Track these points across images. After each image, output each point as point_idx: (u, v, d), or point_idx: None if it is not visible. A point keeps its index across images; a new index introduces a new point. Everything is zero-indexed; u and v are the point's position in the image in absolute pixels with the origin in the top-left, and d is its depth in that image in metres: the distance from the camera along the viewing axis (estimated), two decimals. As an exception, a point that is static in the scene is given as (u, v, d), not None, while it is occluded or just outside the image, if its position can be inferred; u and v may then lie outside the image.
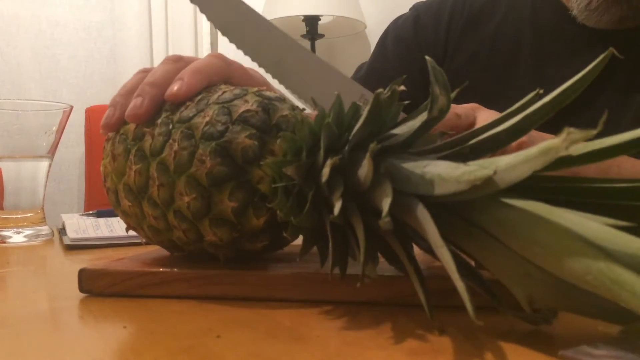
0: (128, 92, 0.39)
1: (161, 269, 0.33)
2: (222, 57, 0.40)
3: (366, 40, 2.02)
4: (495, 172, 0.20)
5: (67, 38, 1.81)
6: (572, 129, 0.18)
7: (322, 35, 1.91)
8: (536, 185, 0.23)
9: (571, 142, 0.18)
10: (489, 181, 0.20)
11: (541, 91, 0.24)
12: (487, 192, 0.21)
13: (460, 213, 0.23)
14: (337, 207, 0.25)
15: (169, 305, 0.31)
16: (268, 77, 0.43)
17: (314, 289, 0.31)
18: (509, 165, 0.20)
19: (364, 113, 0.27)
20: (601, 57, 0.23)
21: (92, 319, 0.30)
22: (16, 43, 1.74)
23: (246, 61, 0.43)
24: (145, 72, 0.41)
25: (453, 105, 0.48)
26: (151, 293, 0.33)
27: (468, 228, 0.23)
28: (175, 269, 0.33)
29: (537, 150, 0.19)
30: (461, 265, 0.25)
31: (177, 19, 1.91)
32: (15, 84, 1.74)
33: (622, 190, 0.21)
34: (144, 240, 0.39)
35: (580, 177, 0.22)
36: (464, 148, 0.25)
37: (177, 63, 0.40)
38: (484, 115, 0.49)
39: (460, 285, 0.21)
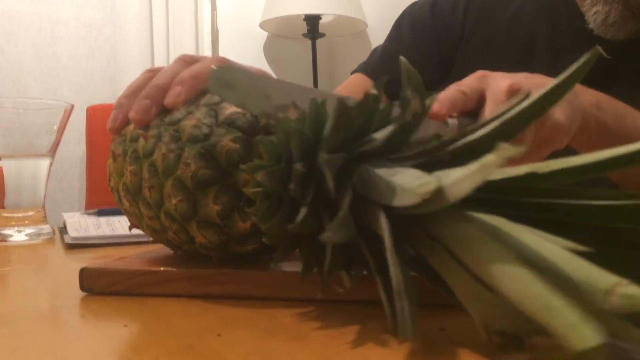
0: (133, 94, 0.39)
1: (162, 268, 0.33)
2: (224, 61, 0.40)
3: (367, 40, 2.02)
4: (439, 186, 0.20)
5: (68, 36, 1.81)
6: (505, 145, 0.18)
7: (322, 35, 1.91)
8: (515, 201, 0.23)
9: (504, 157, 0.18)
10: (437, 194, 0.20)
11: (530, 94, 0.24)
12: (439, 206, 0.20)
13: (425, 226, 0.23)
14: (301, 214, 0.25)
15: (169, 304, 0.31)
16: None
17: (314, 287, 0.31)
18: (456, 179, 0.20)
19: (331, 119, 0.26)
20: (585, 57, 0.23)
21: (92, 317, 0.30)
22: (17, 41, 1.74)
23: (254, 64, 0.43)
24: (151, 72, 0.40)
25: (456, 83, 0.46)
26: (152, 292, 0.33)
27: (431, 243, 0.23)
28: (175, 268, 0.33)
29: (477, 165, 0.19)
30: (436, 274, 0.24)
31: (177, 17, 1.91)
32: (16, 82, 1.74)
33: (599, 210, 0.21)
34: (150, 239, 0.39)
35: (563, 190, 0.22)
36: (444, 154, 0.25)
37: (190, 65, 0.39)
38: (495, 84, 0.45)
39: (402, 306, 0.21)
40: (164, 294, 0.33)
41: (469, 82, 0.46)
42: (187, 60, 0.40)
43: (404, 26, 0.88)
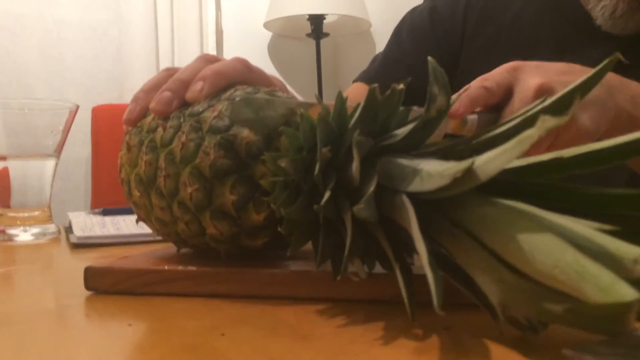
0: (151, 89, 0.40)
1: (166, 267, 0.33)
2: (245, 62, 0.40)
3: (371, 39, 2.02)
4: (472, 163, 0.20)
5: (73, 37, 1.82)
6: (546, 117, 0.17)
7: (327, 34, 1.91)
8: (535, 190, 0.23)
9: (545, 129, 0.17)
10: (468, 173, 0.20)
11: (547, 98, 0.24)
12: (469, 186, 0.21)
13: (447, 212, 0.23)
14: (325, 197, 0.26)
15: (173, 303, 0.31)
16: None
17: (319, 286, 0.31)
18: (488, 157, 0.20)
19: (358, 110, 0.27)
20: (605, 62, 0.23)
21: (97, 316, 0.30)
22: (22, 42, 1.75)
23: (266, 69, 0.43)
24: (169, 70, 0.42)
25: (482, 77, 0.44)
26: (156, 291, 0.33)
27: (452, 229, 0.23)
28: (180, 267, 0.33)
29: (514, 141, 0.19)
30: (451, 266, 0.24)
31: (182, 18, 1.91)
32: (21, 83, 1.74)
33: (619, 198, 0.21)
34: (156, 237, 0.40)
35: (578, 187, 0.22)
36: (464, 150, 0.25)
37: (211, 63, 0.40)
38: (526, 80, 0.43)
39: (430, 276, 0.21)
40: (169, 293, 0.33)
41: (496, 76, 0.44)
42: (209, 59, 0.41)
43: (403, 33, 0.87)
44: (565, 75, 0.45)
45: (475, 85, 0.43)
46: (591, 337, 0.20)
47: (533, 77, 0.43)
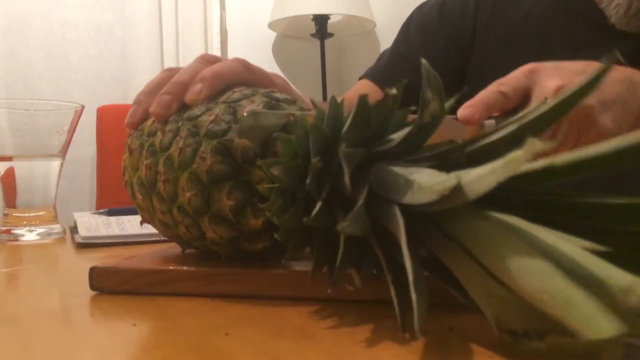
0: (152, 91, 0.40)
1: (171, 267, 0.34)
2: (244, 63, 0.40)
3: (376, 39, 2.02)
4: (458, 182, 0.20)
5: (78, 38, 1.83)
6: (534, 140, 0.17)
7: (331, 35, 1.91)
8: (528, 201, 0.22)
9: (531, 153, 0.17)
10: (456, 191, 0.20)
11: (548, 100, 0.24)
12: (457, 203, 0.20)
13: (440, 225, 0.23)
14: (316, 209, 0.25)
15: (178, 303, 0.31)
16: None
17: (322, 287, 0.31)
18: (476, 176, 0.20)
19: (350, 116, 0.26)
20: (603, 68, 0.22)
21: (102, 316, 0.30)
22: (28, 43, 1.76)
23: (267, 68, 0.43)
24: (170, 70, 0.41)
25: (498, 82, 0.42)
26: (161, 291, 0.33)
27: (445, 241, 0.23)
28: (184, 267, 0.33)
29: (502, 162, 0.18)
30: (449, 273, 0.24)
31: (187, 18, 1.92)
32: (27, 84, 1.75)
33: (613, 211, 0.21)
34: (160, 237, 0.40)
35: (575, 196, 0.22)
36: (460, 157, 0.25)
37: (211, 64, 0.40)
38: (544, 83, 0.41)
39: (414, 297, 0.21)
40: (173, 293, 0.33)
41: (513, 80, 0.42)
42: (208, 60, 0.41)
43: (411, 30, 0.86)
44: (584, 75, 0.44)
45: (491, 90, 0.42)
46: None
47: (551, 79, 0.42)
